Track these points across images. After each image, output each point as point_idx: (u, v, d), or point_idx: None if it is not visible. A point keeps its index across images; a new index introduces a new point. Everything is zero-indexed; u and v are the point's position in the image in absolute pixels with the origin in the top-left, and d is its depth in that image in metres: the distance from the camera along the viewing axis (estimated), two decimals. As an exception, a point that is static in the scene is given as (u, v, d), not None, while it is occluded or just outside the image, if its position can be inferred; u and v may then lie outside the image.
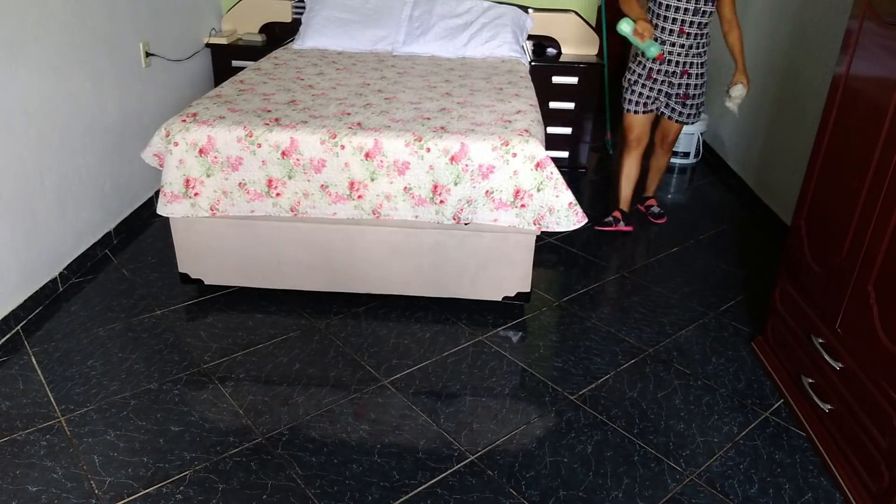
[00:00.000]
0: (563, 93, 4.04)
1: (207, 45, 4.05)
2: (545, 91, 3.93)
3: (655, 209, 3.64)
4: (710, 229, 3.56)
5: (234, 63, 4.04)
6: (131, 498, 1.83)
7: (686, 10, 2.90)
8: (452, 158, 2.44)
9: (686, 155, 4.50)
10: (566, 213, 2.48)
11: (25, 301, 2.56)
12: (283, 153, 2.45)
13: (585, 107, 4.07)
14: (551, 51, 4.25)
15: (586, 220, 2.51)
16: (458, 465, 1.97)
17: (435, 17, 3.92)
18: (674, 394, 2.31)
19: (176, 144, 2.48)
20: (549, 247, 3.29)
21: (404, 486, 1.90)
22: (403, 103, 2.82)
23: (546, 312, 2.78)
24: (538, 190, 2.47)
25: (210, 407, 2.17)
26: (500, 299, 2.71)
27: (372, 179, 2.47)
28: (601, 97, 4.29)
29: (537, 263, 3.03)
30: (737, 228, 3.60)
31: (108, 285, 2.84)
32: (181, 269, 2.72)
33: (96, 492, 1.84)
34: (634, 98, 3.21)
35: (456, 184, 2.46)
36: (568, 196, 2.47)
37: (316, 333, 2.56)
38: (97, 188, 3.02)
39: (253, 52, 3.99)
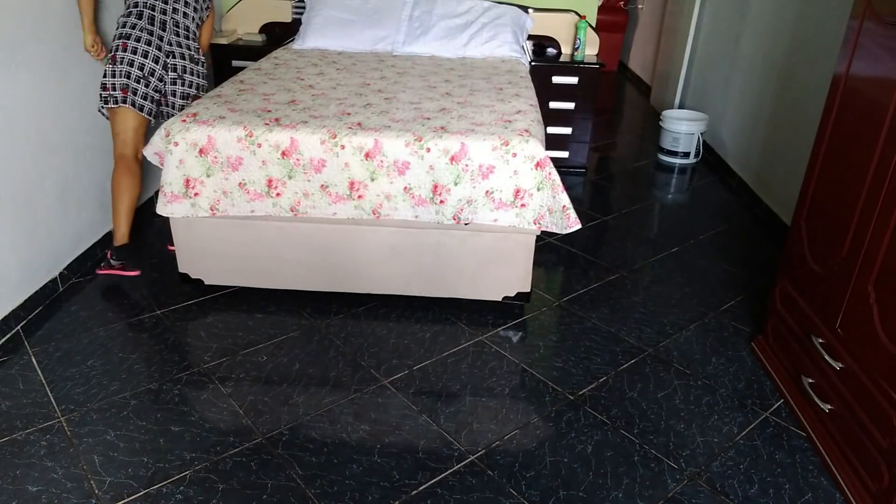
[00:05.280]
0: (563, 93, 4.04)
1: (207, 45, 4.06)
2: (545, 91, 3.94)
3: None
4: (710, 229, 3.56)
5: (234, 63, 4.04)
6: (131, 498, 1.83)
7: None
8: (452, 158, 2.44)
9: (686, 155, 4.50)
10: (560, 216, 2.48)
11: (25, 301, 2.56)
12: (283, 153, 2.45)
13: (585, 107, 4.07)
14: (551, 51, 4.25)
15: (579, 226, 2.48)
16: (458, 465, 1.97)
17: (435, 17, 3.92)
18: (674, 394, 2.31)
19: (176, 144, 2.48)
20: (549, 247, 3.29)
21: (404, 486, 1.90)
22: (403, 103, 2.82)
23: (546, 312, 2.77)
24: (538, 189, 2.46)
25: (210, 407, 2.17)
26: (500, 299, 2.71)
27: (372, 179, 2.47)
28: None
29: (537, 263, 3.03)
30: (737, 228, 3.60)
31: (108, 285, 2.84)
32: (181, 269, 2.72)
33: (96, 492, 1.84)
34: None
35: (456, 184, 2.46)
36: (564, 199, 2.47)
37: (316, 333, 2.56)
38: (97, 188, 3.02)
39: (253, 52, 4.00)
